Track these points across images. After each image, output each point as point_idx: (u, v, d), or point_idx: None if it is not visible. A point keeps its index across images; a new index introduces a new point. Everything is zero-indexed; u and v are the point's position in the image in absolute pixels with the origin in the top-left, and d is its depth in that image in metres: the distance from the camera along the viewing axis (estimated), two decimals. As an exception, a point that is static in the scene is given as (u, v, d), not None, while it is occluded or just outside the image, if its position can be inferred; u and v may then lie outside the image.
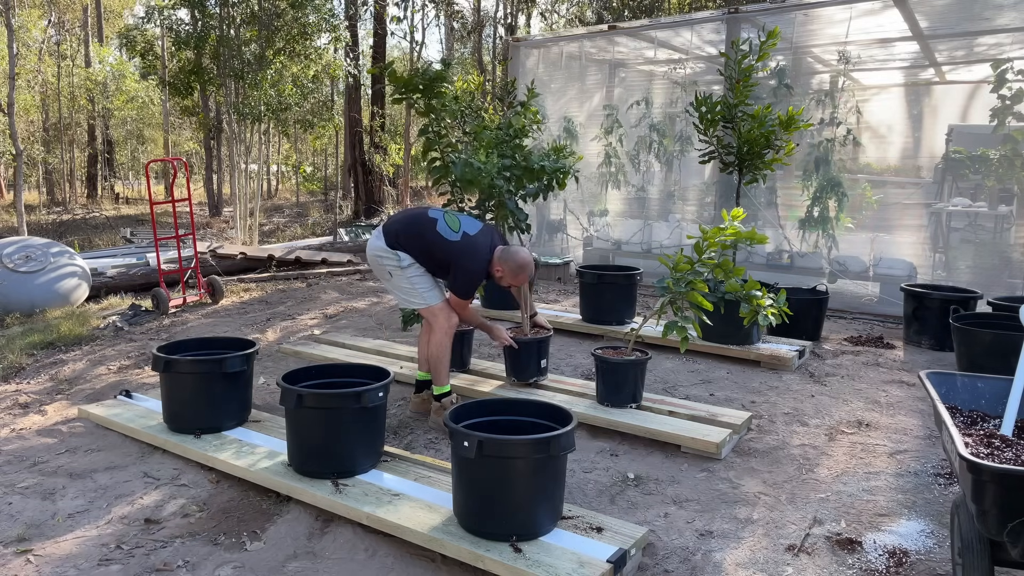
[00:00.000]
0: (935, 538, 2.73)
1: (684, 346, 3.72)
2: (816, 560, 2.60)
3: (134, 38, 14.17)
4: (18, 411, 4.19)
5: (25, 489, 3.15)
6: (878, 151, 6.92)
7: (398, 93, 4.63)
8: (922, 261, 6.63)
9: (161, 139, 27.68)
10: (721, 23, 7.46)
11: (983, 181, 6.51)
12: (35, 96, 23.47)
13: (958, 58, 6.72)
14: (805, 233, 7.10)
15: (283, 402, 3.01)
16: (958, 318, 4.73)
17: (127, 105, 23.20)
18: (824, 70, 7.30)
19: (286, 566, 2.61)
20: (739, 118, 5.32)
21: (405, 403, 4.14)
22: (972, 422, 2.52)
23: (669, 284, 3.69)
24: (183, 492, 3.14)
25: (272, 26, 12.16)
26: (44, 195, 24.76)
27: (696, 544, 2.72)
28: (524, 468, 2.49)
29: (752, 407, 4.07)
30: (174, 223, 6.83)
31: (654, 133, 8.24)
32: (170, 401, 3.55)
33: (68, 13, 26.75)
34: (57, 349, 5.45)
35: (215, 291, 6.92)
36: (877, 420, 3.92)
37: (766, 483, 3.20)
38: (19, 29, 18.71)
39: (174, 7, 12.25)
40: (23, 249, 6.84)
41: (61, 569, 2.58)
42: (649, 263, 7.70)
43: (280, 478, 3.04)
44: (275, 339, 5.59)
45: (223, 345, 3.81)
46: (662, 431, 3.54)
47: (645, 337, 4.98)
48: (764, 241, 3.98)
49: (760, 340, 5.09)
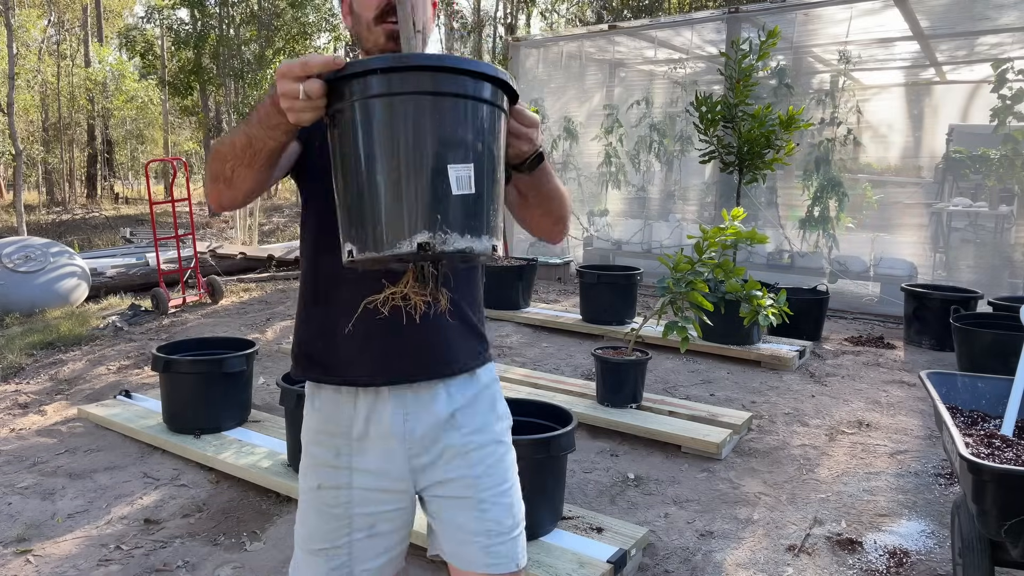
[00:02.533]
0: (936, 538, 2.73)
1: (684, 346, 3.72)
2: (816, 560, 2.60)
3: (134, 38, 14.18)
4: (17, 411, 4.19)
5: (24, 489, 3.15)
6: (878, 151, 6.91)
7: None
8: (923, 261, 6.63)
9: (161, 139, 27.68)
10: (721, 23, 7.45)
11: (984, 181, 6.51)
12: (35, 96, 23.47)
13: (959, 58, 6.72)
14: (805, 233, 7.10)
15: (283, 402, 3.01)
16: (959, 318, 4.72)
17: (127, 105, 23.19)
18: (824, 70, 7.29)
19: (286, 567, 2.60)
20: (739, 118, 5.32)
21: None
22: (972, 422, 2.52)
23: (669, 284, 3.69)
24: (183, 492, 3.13)
25: (272, 26, 12.16)
26: (44, 195, 24.78)
27: (696, 544, 2.71)
28: (524, 468, 2.48)
29: (752, 407, 4.06)
30: (174, 223, 6.83)
31: (654, 133, 8.23)
32: (170, 401, 3.54)
33: (68, 13, 26.75)
34: (57, 349, 5.45)
35: (215, 291, 6.91)
36: (878, 420, 3.92)
37: (766, 483, 3.20)
38: (19, 29, 18.71)
39: (174, 7, 12.26)
40: (23, 249, 6.83)
41: (60, 569, 2.57)
42: (649, 263, 7.69)
43: (280, 478, 3.03)
44: (275, 339, 5.59)
45: (223, 345, 3.81)
46: (662, 431, 3.54)
47: (645, 337, 4.97)
48: (764, 241, 3.98)
49: (760, 340, 5.09)
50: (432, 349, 1.38)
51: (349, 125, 1.06)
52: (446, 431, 1.39)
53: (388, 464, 1.37)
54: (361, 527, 1.38)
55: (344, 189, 1.08)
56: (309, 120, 1.08)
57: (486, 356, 1.49)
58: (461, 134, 1.06)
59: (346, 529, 1.37)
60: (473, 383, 1.44)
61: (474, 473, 1.39)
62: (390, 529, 1.41)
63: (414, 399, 1.37)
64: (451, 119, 1.06)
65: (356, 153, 1.06)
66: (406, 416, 1.36)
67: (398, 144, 1.04)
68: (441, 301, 1.16)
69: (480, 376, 1.46)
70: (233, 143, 1.19)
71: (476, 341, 1.46)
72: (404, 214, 1.04)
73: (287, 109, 1.06)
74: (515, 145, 1.22)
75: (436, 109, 1.05)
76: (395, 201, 1.04)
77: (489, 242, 1.08)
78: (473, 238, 1.05)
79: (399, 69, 1.05)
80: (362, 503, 1.38)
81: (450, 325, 1.40)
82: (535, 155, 1.27)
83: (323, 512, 1.38)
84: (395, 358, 1.36)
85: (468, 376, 1.43)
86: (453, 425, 1.39)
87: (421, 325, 1.34)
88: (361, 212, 1.06)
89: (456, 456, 1.39)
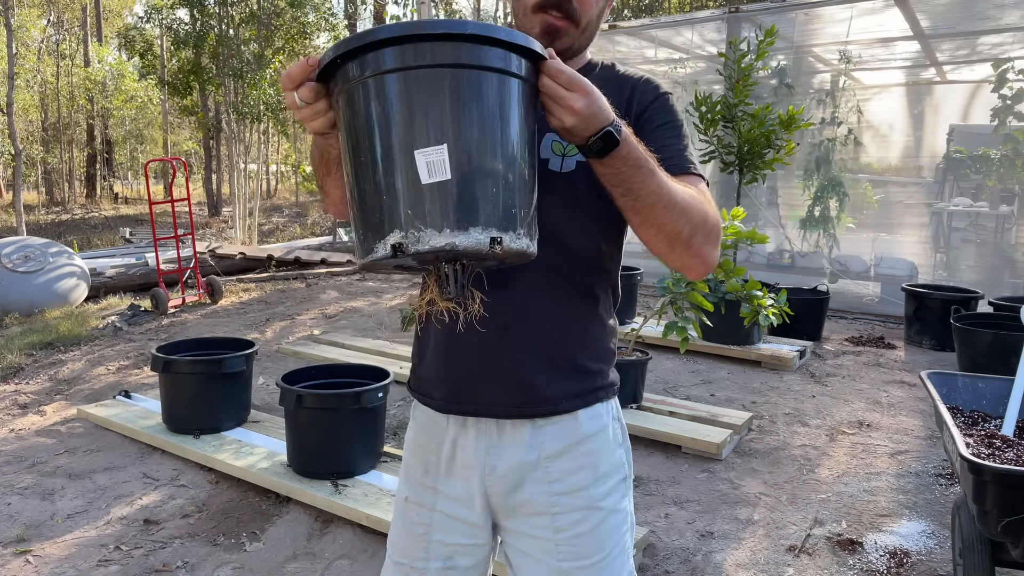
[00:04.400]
0: (936, 539, 2.72)
1: (684, 346, 3.72)
2: (817, 561, 2.60)
3: (133, 38, 14.17)
4: (17, 411, 4.18)
5: (24, 489, 3.14)
6: (879, 151, 6.91)
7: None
8: (923, 261, 6.63)
9: (160, 139, 27.68)
10: (722, 22, 7.45)
11: (984, 181, 6.50)
12: (34, 96, 23.47)
13: (959, 57, 6.72)
14: (806, 233, 7.09)
15: (282, 402, 3.01)
16: (959, 318, 4.72)
17: (126, 105, 23.18)
18: (825, 69, 7.29)
19: (285, 567, 2.60)
20: (739, 117, 5.31)
21: (405, 403, 4.13)
22: (973, 422, 2.51)
23: (669, 284, 3.69)
24: (182, 493, 3.13)
25: (271, 25, 12.16)
26: (43, 195, 24.78)
27: (697, 545, 2.71)
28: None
29: (753, 407, 4.06)
30: (173, 223, 6.82)
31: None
32: (169, 401, 3.54)
33: (67, 13, 26.74)
34: (56, 349, 5.44)
35: (214, 291, 6.91)
36: (878, 420, 3.92)
37: (767, 484, 3.20)
38: (18, 29, 18.71)
39: (173, 7, 12.25)
40: (22, 249, 6.83)
41: (60, 569, 2.57)
42: (649, 263, 7.66)
43: (279, 479, 3.03)
44: (274, 339, 5.59)
45: (222, 345, 3.80)
46: (663, 431, 3.53)
47: (645, 337, 4.97)
48: (765, 241, 3.98)
49: (761, 340, 5.08)
50: (515, 381, 1.18)
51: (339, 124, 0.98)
52: (531, 479, 1.21)
53: (470, 495, 1.24)
54: (438, 556, 1.27)
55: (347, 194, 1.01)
56: (321, 126, 1.01)
57: (596, 396, 1.23)
58: (434, 112, 0.90)
59: (423, 553, 1.28)
60: (570, 430, 1.21)
61: (557, 539, 1.20)
62: (468, 565, 1.27)
63: (498, 432, 1.21)
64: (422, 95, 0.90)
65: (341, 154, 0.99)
66: (488, 449, 1.21)
67: (361, 134, 0.92)
68: (471, 307, 1.00)
69: (582, 421, 1.22)
70: (313, 156, 1.16)
71: (580, 377, 1.22)
72: (377, 213, 0.92)
73: (300, 119, 1.02)
74: (556, 115, 0.97)
75: (405, 87, 0.90)
76: (368, 200, 0.93)
77: (483, 235, 0.90)
78: (455, 232, 0.89)
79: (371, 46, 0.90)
80: (442, 530, 1.26)
81: (542, 354, 1.18)
82: (600, 133, 0.97)
83: (407, 526, 1.30)
84: (476, 384, 1.20)
85: (563, 419, 1.21)
86: (541, 474, 1.21)
87: (506, 350, 1.17)
88: (351, 216, 0.97)
89: (537, 514, 1.21)
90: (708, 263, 1.12)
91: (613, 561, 1.21)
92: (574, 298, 1.21)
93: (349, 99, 0.94)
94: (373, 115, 0.92)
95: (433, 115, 0.90)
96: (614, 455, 1.25)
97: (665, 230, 1.06)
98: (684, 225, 1.06)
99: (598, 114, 0.97)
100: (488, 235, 0.90)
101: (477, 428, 1.22)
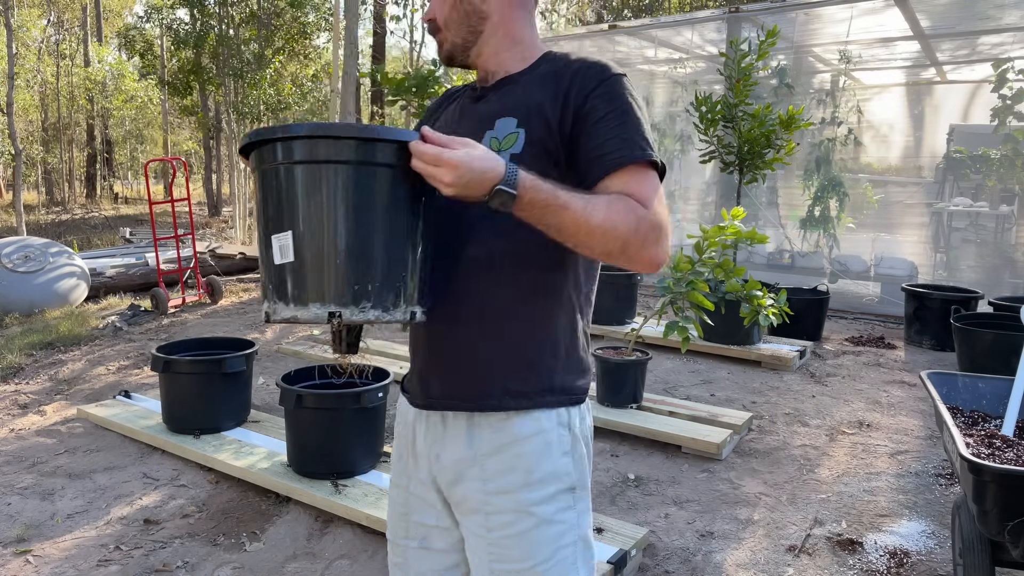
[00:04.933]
0: (936, 539, 2.72)
1: (685, 346, 3.72)
2: (817, 561, 2.60)
3: (133, 38, 14.17)
4: (17, 411, 4.18)
5: (24, 489, 3.14)
6: (879, 151, 6.91)
7: (392, 95, 4.63)
8: (923, 261, 6.63)
9: (160, 139, 27.68)
10: (722, 22, 7.45)
11: (984, 181, 6.50)
12: (34, 96, 23.47)
13: (959, 57, 6.72)
14: (806, 233, 7.09)
15: (282, 402, 3.01)
16: (959, 318, 4.72)
17: (126, 105, 23.18)
18: (825, 69, 7.29)
19: (285, 567, 2.60)
20: (739, 117, 5.31)
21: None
22: (973, 422, 2.51)
23: (670, 284, 3.69)
24: (182, 493, 3.13)
25: (271, 25, 12.16)
26: (43, 195, 24.78)
27: (697, 545, 2.71)
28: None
29: (753, 407, 4.06)
30: (173, 223, 6.82)
31: (654, 132, 8.22)
32: (169, 401, 3.54)
33: (67, 12, 26.74)
34: (56, 349, 5.44)
35: (214, 291, 6.91)
36: (878, 420, 3.92)
37: (767, 484, 3.20)
38: (18, 29, 18.71)
39: (173, 7, 12.25)
40: (22, 249, 6.83)
41: (60, 570, 2.57)
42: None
43: (279, 479, 3.03)
44: (274, 339, 5.59)
45: (222, 345, 3.80)
46: (663, 431, 3.53)
47: (645, 337, 4.97)
48: (765, 241, 3.98)
49: (761, 340, 5.08)
50: (454, 376, 1.24)
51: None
52: (469, 475, 1.23)
53: (430, 479, 1.30)
54: (416, 535, 1.34)
55: None
56: None
57: (534, 401, 1.21)
58: (286, 203, 1.04)
59: (403, 532, 1.36)
60: (504, 429, 1.21)
61: (490, 538, 1.22)
62: (442, 548, 1.32)
63: (443, 425, 1.26)
64: (276, 187, 1.05)
65: None
66: (435, 440, 1.27)
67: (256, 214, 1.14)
68: (344, 361, 1.21)
69: (515, 423, 1.20)
70: None
71: (519, 378, 1.21)
72: (262, 278, 1.11)
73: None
74: (437, 188, 1.04)
75: (265, 180, 1.07)
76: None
77: (321, 310, 1.02)
78: (297, 307, 1.03)
79: (250, 146, 1.09)
80: (417, 511, 1.34)
81: (494, 351, 1.21)
82: (490, 193, 1.02)
83: (393, 506, 1.39)
84: (429, 376, 1.28)
85: (496, 417, 1.21)
86: (477, 471, 1.22)
87: (451, 348, 1.23)
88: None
89: (474, 511, 1.24)
90: (654, 263, 1.13)
91: (545, 572, 1.20)
92: (519, 299, 1.21)
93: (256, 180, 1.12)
94: (257, 201, 1.10)
95: (286, 205, 1.04)
96: (555, 463, 1.21)
97: (596, 250, 1.11)
98: (612, 242, 1.08)
99: (477, 178, 1.00)
100: (326, 310, 1.02)
101: (428, 420, 1.29)
